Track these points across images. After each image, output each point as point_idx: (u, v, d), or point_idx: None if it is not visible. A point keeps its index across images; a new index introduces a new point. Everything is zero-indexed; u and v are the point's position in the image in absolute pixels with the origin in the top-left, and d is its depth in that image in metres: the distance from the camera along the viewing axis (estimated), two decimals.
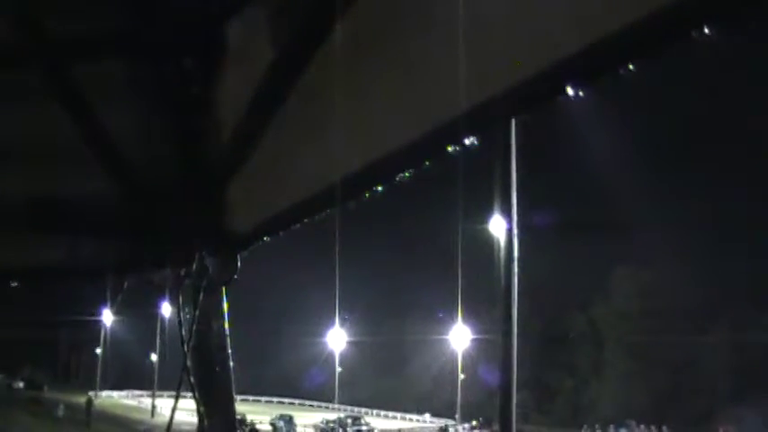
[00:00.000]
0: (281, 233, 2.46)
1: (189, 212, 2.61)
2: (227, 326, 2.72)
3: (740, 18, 1.06)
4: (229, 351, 2.73)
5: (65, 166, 2.62)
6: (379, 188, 1.87)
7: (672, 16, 1.07)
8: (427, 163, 1.69)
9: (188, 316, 2.61)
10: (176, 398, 2.64)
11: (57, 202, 2.69)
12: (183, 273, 2.65)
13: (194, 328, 2.60)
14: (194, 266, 2.61)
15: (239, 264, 2.68)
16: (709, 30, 1.06)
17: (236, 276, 2.69)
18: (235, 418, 2.81)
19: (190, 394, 2.62)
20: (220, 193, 2.56)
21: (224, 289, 2.72)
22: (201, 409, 2.57)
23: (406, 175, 1.75)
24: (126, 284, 3.00)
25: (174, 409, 2.58)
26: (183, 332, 2.60)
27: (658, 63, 1.21)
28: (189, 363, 2.58)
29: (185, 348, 2.57)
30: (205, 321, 2.63)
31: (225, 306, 2.73)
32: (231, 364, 2.72)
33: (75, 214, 2.71)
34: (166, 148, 2.57)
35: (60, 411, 56.86)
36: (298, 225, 2.33)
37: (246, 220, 2.56)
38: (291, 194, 2.22)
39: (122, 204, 2.70)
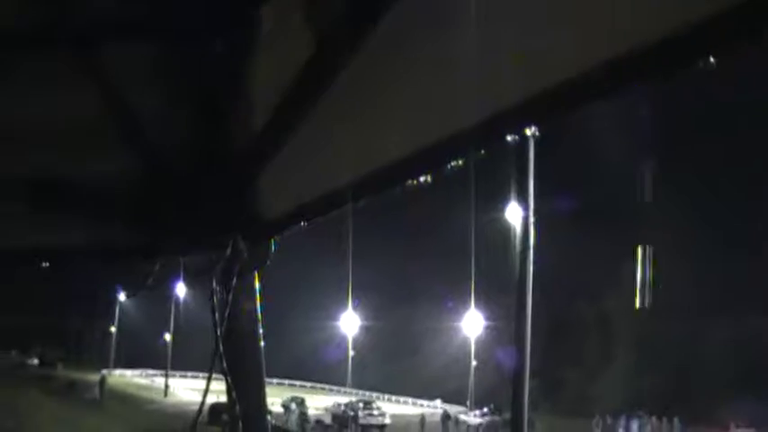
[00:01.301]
0: (316, 219, 2.46)
1: (224, 196, 2.61)
2: (259, 310, 2.73)
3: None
4: (261, 335, 2.74)
5: (96, 149, 2.62)
6: (411, 182, 1.89)
7: (694, 34, 1.07)
8: (452, 163, 1.71)
9: (220, 300, 2.61)
10: (208, 380, 2.65)
11: (89, 184, 2.70)
12: (215, 257, 2.65)
13: (227, 312, 2.60)
14: (228, 250, 2.61)
15: (273, 248, 2.68)
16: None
17: (269, 261, 2.70)
18: (266, 402, 2.82)
19: (220, 377, 2.63)
20: (255, 177, 2.56)
21: (257, 273, 2.73)
22: (234, 392, 2.59)
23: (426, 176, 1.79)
24: (158, 267, 3.01)
25: (205, 392, 2.59)
26: (216, 316, 2.61)
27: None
28: (221, 346, 2.58)
29: (218, 332, 2.57)
30: (238, 305, 2.64)
31: (257, 290, 2.74)
32: (263, 347, 2.74)
33: (107, 197, 2.72)
34: (201, 131, 2.57)
35: (96, 394, 56.95)
36: (333, 212, 2.35)
37: (280, 205, 2.58)
38: (326, 182, 2.23)
39: (156, 188, 2.70)
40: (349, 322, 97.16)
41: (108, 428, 38.11)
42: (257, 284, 2.76)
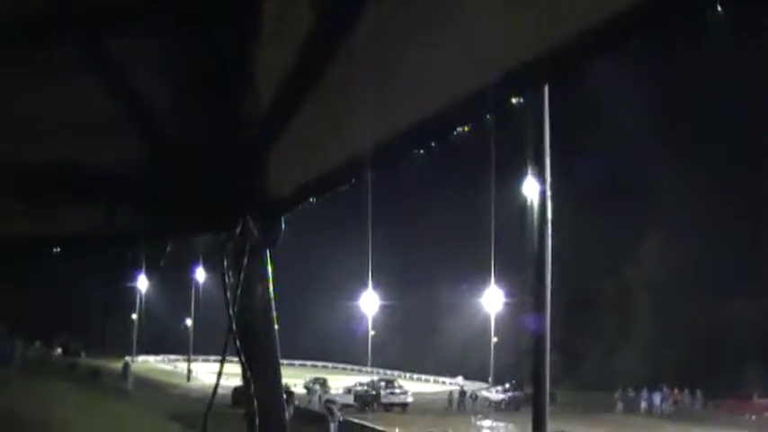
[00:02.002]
0: (325, 194, 2.43)
1: (231, 175, 2.58)
2: (271, 290, 2.71)
3: None
4: (274, 315, 2.71)
5: (102, 134, 2.58)
6: (418, 153, 1.86)
7: None
8: (460, 130, 1.69)
9: (232, 280, 2.59)
10: (221, 362, 2.63)
11: (95, 169, 2.66)
12: (225, 237, 2.62)
13: (239, 292, 2.57)
14: (238, 230, 2.58)
15: (283, 226, 2.66)
16: None
17: (280, 240, 2.67)
18: (281, 383, 2.80)
19: (235, 359, 2.62)
20: (262, 155, 2.53)
21: (268, 252, 2.71)
22: (248, 374, 2.56)
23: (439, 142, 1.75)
24: (168, 249, 2.98)
25: (219, 374, 2.56)
26: (228, 296, 2.58)
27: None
28: (234, 327, 2.55)
29: (230, 312, 2.54)
30: (249, 286, 2.61)
31: (269, 270, 2.72)
32: (276, 328, 2.71)
33: (114, 181, 2.69)
34: (205, 111, 2.54)
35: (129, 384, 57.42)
36: (343, 187, 2.32)
37: (289, 181, 2.55)
38: (333, 156, 2.20)
39: (162, 169, 2.68)
40: (369, 302, 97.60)
41: (133, 414, 38.42)
42: (269, 264, 2.72)
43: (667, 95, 69.44)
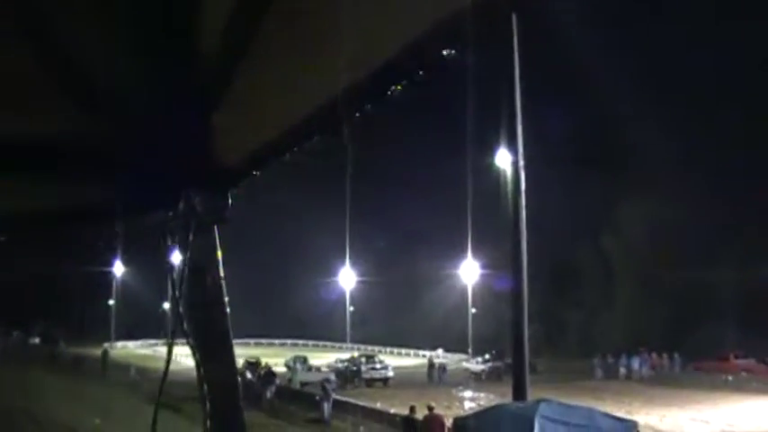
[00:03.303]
0: (271, 165, 2.36)
1: (172, 147, 2.40)
2: (221, 268, 2.58)
3: None
4: (225, 295, 2.60)
5: (34, 102, 2.39)
6: (374, 103, 1.82)
7: None
8: (422, 72, 1.65)
9: (179, 260, 2.48)
10: (169, 346, 2.54)
11: (28, 143, 2.46)
12: (170, 214, 2.50)
13: (185, 272, 2.46)
14: (180, 205, 2.46)
15: (230, 201, 2.53)
16: None
17: (228, 214, 2.53)
18: (235, 364, 2.70)
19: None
20: (205, 124, 2.38)
21: (216, 229, 2.57)
22: (198, 355, 2.47)
23: (398, 87, 1.71)
24: (118, 231, 2.85)
25: (168, 361, 2.47)
26: (174, 277, 2.48)
27: None
28: (181, 309, 2.44)
29: (176, 294, 2.44)
30: (197, 264, 2.49)
31: (218, 247, 2.58)
32: (228, 308, 2.60)
33: (47, 156, 2.50)
34: (143, 77, 2.35)
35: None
36: (287, 155, 2.24)
37: (236, 153, 2.43)
38: (280, 121, 2.13)
39: (99, 142, 2.49)
40: (347, 278, 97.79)
41: (115, 400, 38.30)
42: (217, 241, 2.58)
43: (645, 60, 69.71)
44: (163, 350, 76.06)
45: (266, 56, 2.03)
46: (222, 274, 2.56)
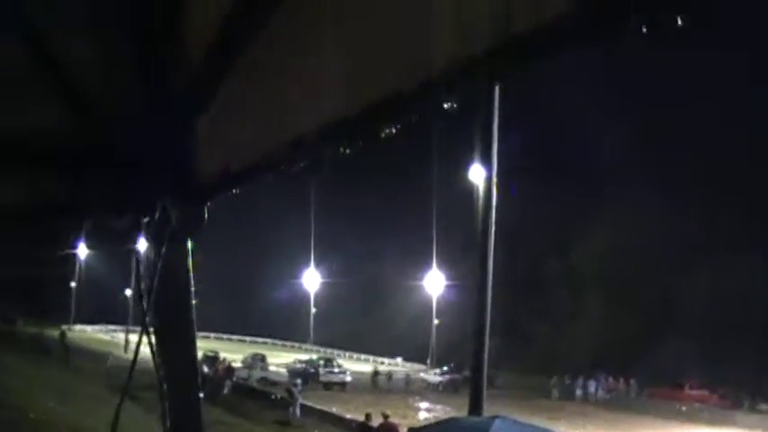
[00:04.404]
0: (251, 184, 2.34)
1: (153, 156, 2.39)
2: (191, 280, 2.55)
3: None
4: (193, 308, 2.56)
5: (18, 99, 2.41)
6: (357, 143, 1.79)
7: None
8: (407, 118, 1.62)
9: (149, 267, 2.45)
10: (135, 353, 2.48)
11: (9, 139, 2.45)
12: (145, 220, 2.47)
13: (155, 281, 2.42)
14: (157, 214, 2.43)
15: (206, 214, 2.50)
16: None
17: (202, 227, 2.51)
18: (196, 359, 2.66)
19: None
20: (187, 136, 2.37)
21: (189, 240, 2.55)
22: (158, 347, 2.43)
23: (390, 131, 1.68)
24: (84, 228, 2.80)
25: (134, 361, 2.44)
26: (143, 286, 2.45)
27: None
28: (148, 319, 2.42)
29: (144, 305, 2.40)
30: (168, 274, 2.45)
31: (189, 258, 2.56)
32: (195, 320, 2.57)
33: (29, 153, 2.50)
34: (128, 84, 2.35)
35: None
36: (269, 177, 2.22)
37: (216, 169, 2.40)
38: (263, 143, 2.09)
39: (81, 142, 2.49)
40: (311, 280, 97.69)
41: (68, 383, 37.97)
42: (189, 251, 2.55)
43: (614, 75, 70.07)
44: (121, 336, 75.65)
45: (254, 78, 2.02)
46: (192, 286, 2.53)
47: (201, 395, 2.64)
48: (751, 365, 52.34)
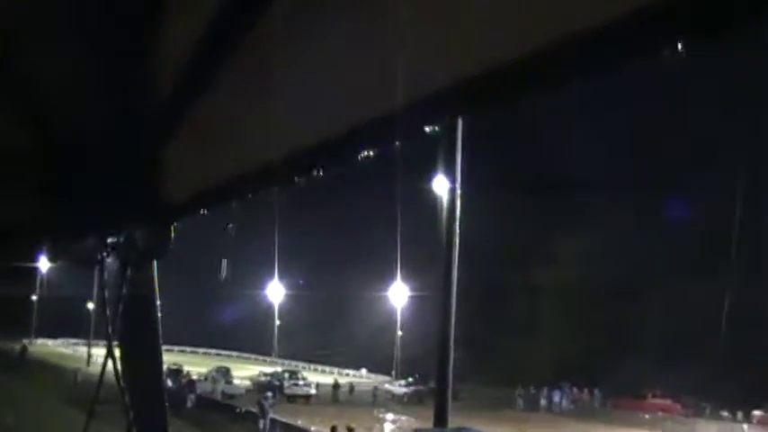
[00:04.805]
0: (220, 205, 2.29)
1: (117, 176, 2.34)
2: (157, 303, 2.52)
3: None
4: (159, 322, 2.53)
5: None
6: (328, 169, 1.76)
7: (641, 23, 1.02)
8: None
9: (114, 291, 2.40)
10: (101, 374, 2.42)
11: None
12: (108, 244, 2.42)
13: (121, 307, 2.38)
14: (122, 237, 2.38)
15: (172, 236, 2.45)
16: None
17: (168, 249, 2.45)
18: (162, 373, 2.64)
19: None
20: (155, 156, 2.31)
21: (155, 263, 2.51)
22: (122, 362, 2.40)
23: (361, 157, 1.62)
24: (46, 247, 2.75)
25: (100, 381, 2.40)
26: (108, 312, 2.42)
27: None
28: (113, 343, 2.37)
29: (110, 330, 2.36)
30: (134, 290, 2.41)
31: (156, 282, 2.52)
32: (161, 347, 2.53)
33: None
34: (94, 101, 2.29)
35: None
36: (236, 200, 2.18)
37: (182, 190, 2.35)
38: (231, 166, 2.05)
39: (42, 163, 2.45)
40: (275, 291, 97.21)
41: (31, 398, 37.51)
42: (155, 272, 2.51)
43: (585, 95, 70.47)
44: (83, 350, 74.86)
45: (223, 100, 1.96)
46: (158, 310, 2.50)
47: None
48: (711, 374, 52.83)
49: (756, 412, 52.29)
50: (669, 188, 66.55)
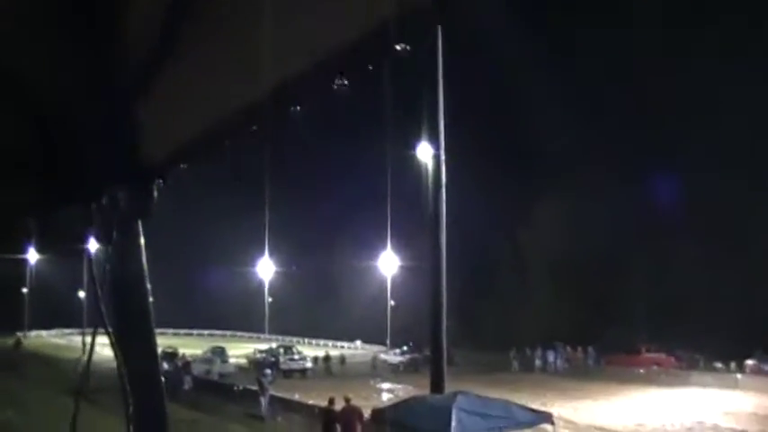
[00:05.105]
0: (198, 159, 2.28)
1: (94, 137, 2.30)
2: (145, 264, 2.49)
3: None
4: (149, 291, 2.52)
5: None
6: (304, 104, 1.80)
7: None
8: (356, 73, 1.64)
9: (101, 255, 2.37)
10: (92, 345, 2.44)
11: None
12: (92, 208, 2.37)
13: (107, 268, 2.36)
14: (104, 201, 2.34)
15: (156, 195, 2.41)
16: None
17: (153, 209, 2.42)
18: (157, 356, 2.62)
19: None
20: (130, 113, 2.26)
21: (140, 223, 2.46)
22: (119, 347, 2.39)
23: (339, 84, 1.69)
24: (33, 226, 2.71)
25: (89, 357, 2.39)
26: (95, 273, 2.39)
27: None
28: (102, 305, 2.32)
29: (99, 292, 2.34)
30: (120, 260, 2.38)
31: (142, 242, 2.48)
32: (151, 303, 2.53)
33: None
34: (66, 63, 2.22)
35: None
36: (220, 149, 2.17)
37: (162, 146, 2.31)
38: (207, 116, 2.05)
39: (16, 130, 2.40)
40: (265, 268, 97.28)
41: (28, 391, 37.50)
42: (141, 235, 2.46)
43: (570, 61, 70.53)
44: (77, 339, 74.83)
45: (194, 50, 1.97)
46: (145, 265, 2.48)
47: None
48: (704, 328, 53.26)
49: (749, 362, 52.84)
50: (660, 154, 66.62)
